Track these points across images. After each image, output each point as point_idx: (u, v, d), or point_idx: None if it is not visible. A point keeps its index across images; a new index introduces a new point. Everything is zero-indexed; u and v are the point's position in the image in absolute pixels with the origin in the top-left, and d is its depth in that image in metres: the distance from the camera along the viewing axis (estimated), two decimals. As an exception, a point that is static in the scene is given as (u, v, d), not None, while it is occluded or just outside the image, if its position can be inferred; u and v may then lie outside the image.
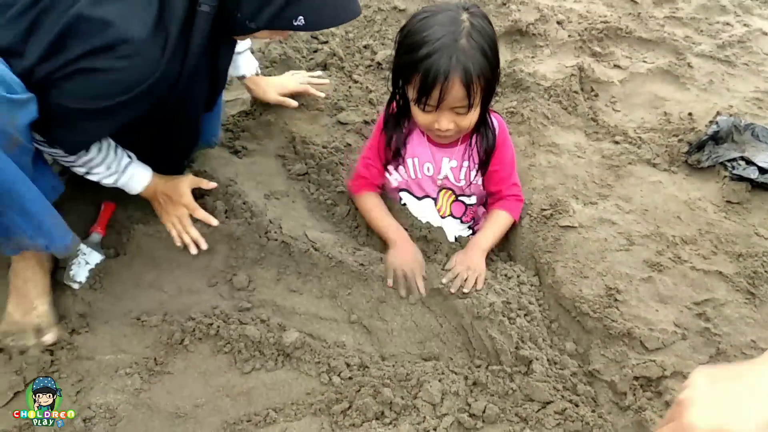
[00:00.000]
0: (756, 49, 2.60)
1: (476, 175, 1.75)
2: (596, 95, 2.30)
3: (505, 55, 2.46)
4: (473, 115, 1.54)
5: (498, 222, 1.76)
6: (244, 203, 1.72)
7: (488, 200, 1.85)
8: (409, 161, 1.74)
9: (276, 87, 2.08)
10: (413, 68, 1.45)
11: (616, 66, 2.47)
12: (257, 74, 2.04)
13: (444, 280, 1.59)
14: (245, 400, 1.38)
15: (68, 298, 1.55)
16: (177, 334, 1.47)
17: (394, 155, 1.74)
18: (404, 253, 1.64)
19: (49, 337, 1.44)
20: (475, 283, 1.58)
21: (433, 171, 1.75)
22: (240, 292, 1.60)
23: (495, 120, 1.72)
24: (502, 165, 1.74)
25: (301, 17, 1.35)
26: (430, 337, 1.54)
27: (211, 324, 1.49)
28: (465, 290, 1.57)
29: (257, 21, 1.36)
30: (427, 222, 1.76)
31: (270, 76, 2.17)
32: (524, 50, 2.49)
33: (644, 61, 2.50)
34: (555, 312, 1.61)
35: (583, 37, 2.56)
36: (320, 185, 1.90)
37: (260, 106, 2.10)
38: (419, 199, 1.80)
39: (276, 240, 1.65)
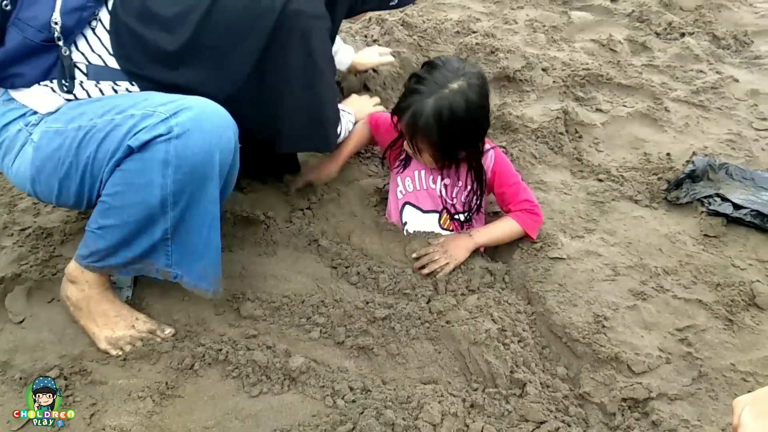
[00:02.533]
0: (728, 94, 2.77)
1: (467, 196, 1.89)
2: (580, 137, 2.43)
3: (494, 99, 2.61)
4: (427, 158, 1.78)
5: (501, 225, 1.88)
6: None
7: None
8: (415, 173, 1.91)
9: (369, 56, 2.47)
10: (402, 91, 1.79)
11: (598, 110, 2.62)
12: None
13: (414, 255, 1.75)
14: (253, 422, 1.43)
15: (75, 327, 1.60)
16: (187, 360, 1.54)
17: (405, 161, 1.91)
18: (322, 168, 2.03)
19: (169, 332, 1.60)
20: (438, 269, 1.75)
21: (436, 184, 1.91)
22: (246, 320, 1.67)
23: (492, 153, 1.88)
24: (506, 186, 1.89)
25: None
26: (428, 363, 1.61)
27: (220, 350, 1.56)
28: (425, 272, 1.73)
29: (370, 3, 1.81)
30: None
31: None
32: (512, 95, 2.64)
33: (624, 106, 2.66)
34: (547, 338, 1.69)
35: (567, 82, 2.71)
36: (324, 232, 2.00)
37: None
38: (424, 212, 1.92)
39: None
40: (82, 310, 1.58)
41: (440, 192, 1.90)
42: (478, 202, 1.89)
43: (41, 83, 1.48)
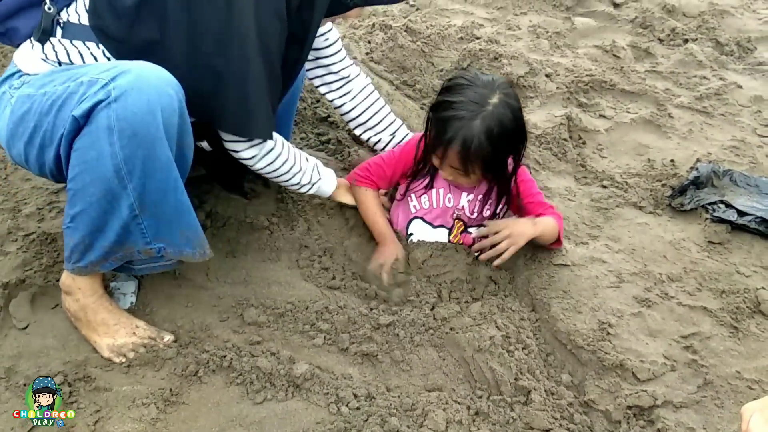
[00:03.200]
0: (732, 100, 2.77)
1: (488, 210, 1.88)
2: (584, 143, 2.44)
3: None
4: (475, 178, 1.74)
5: (550, 221, 1.83)
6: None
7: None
8: (433, 191, 1.89)
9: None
10: (434, 121, 1.69)
11: (602, 116, 2.62)
12: None
13: (476, 234, 1.75)
14: (257, 429, 1.43)
15: (79, 333, 1.60)
16: (191, 366, 1.53)
17: (429, 182, 1.87)
18: (388, 250, 1.81)
19: (169, 338, 1.59)
20: (495, 256, 1.74)
21: (453, 203, 1.89)
22: (250, 327, 1.67)
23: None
24: (532, 196, 1.88)
25: None
26: (432, 370, 1.61)
27: (224, 356, 1.55)
28: (483, 257, 1.74)
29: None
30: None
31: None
32: (515, 101, 2.64)
33: (628, 112, 2.66)
34: (551, 345, 1.69)
35: (570, 89, 2.72)
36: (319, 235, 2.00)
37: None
38: (434, 227, 1.91)
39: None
40: (81, 321, 1.57)
41: (461, 207, 1.89)
42: (505, 209, 1.88)
43: (31, 38, 1.52)
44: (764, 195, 2.09)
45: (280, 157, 1.74)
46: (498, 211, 1.87)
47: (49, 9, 1.49)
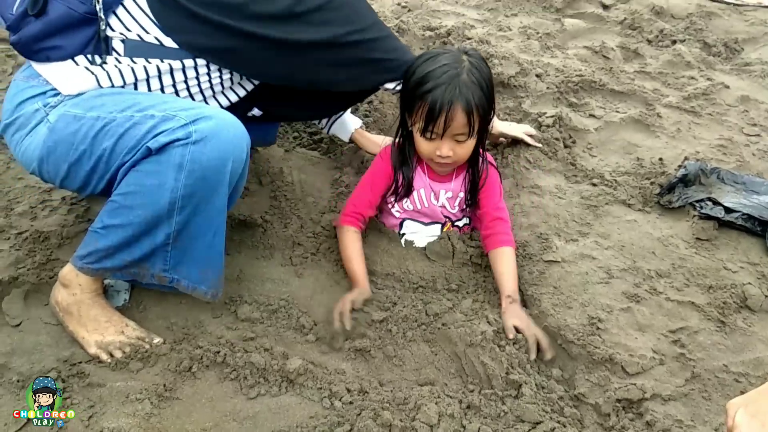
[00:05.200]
0: (719, 100, 2.81)
1: (468, 201, 1.92)
2: (574, 142, 2.46)
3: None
4: (470, 144, 1.74)
5: (510, 266, 1.82)
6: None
7: (482, 233, 1.92)
8: (414, 194, 1.89)
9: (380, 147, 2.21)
10: (420, 100, 1.66)
11: (592, 115, 2.65)
12: (362, 128, 2.27)
13: (533, 357, 1.63)
14: (251, 423, 1.44)
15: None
16: (185, 362, 1.54)
17: (406, 189, 1.87)
18: (353, 294, 1.73)
19: (158, 341, 1.59)
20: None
21: (437, 201, 1.91)
22: (244, 323, 1.68)
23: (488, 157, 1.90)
24: (490, 190, 1.91)
25: None
26: (425, 365, 1.63)
27: (218, 352, 1.57)
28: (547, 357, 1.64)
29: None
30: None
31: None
32: (507, 100, 2.67)
33: (617, 111, 2.69)
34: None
35: (561, 89, 2.74)
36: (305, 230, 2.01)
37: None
38: (426, 225, 1.93)
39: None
40: (72, 315, 1.58)
41: (441, 205, 1.91)
42: (473, 198, 1.90)
43: (75, 58, 1.50)
44: (751, 192, 2.12)
45: None
46: (467, 199, 1.91)
47: (104, 26, 1.50)
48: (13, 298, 1.68)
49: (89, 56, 1.51)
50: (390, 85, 1.79)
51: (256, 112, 1.84)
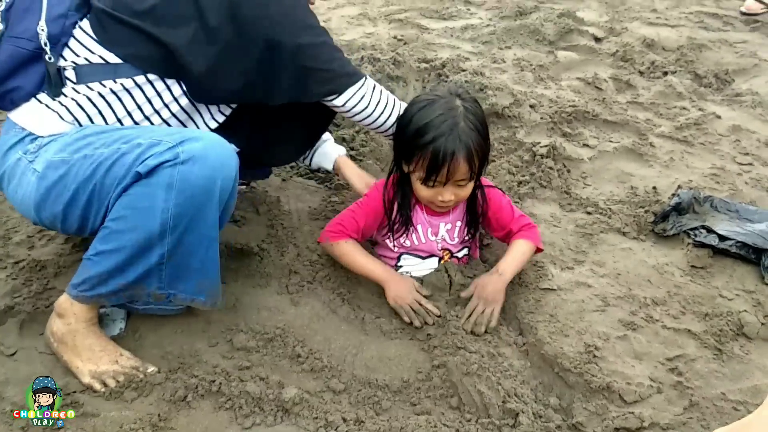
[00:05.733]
0: (711, 130, 2.85)
1: (467, 232, 1.91)
2: (568, 171, 2.49)
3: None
4: (470, 186, 1.76)
5: (519, 250, 1.86)
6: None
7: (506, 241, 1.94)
8: (411, 229, 1.89)
9: (363, 178, 2.14)
10: (420, 150, 1.66)
11: (585, 145, 2.69)
12: (346, 155, 2.20)
13: (462, 323, 1.72)
14: (246, 454, 1.43)
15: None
16: (180, 391, 1.53)
17: (404, 226, 1.86)
18: (400, 288, 1.79)
19: (152, 370, 1.58)
20: (488, 322, 1.73)
21: (435, 235, 1.91)
22: (240, 352, 1.68)
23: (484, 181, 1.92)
24: (500, 209, 1.91)
25: None
26: (422, 394, 1.61)
27: (213, 381, 1.56)
28: (478, 331, 1.71)
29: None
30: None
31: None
32: (501, 131, 2.70)
33: (610, 141, 2.73)
34: (539, 368, 1.70)
35: (554, 119, 2.79)
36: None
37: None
38: (423, 258, 1.93)
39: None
40: (67, 345, 1.57)
41: (441, 238, 1.91)
42: (474, 230, 1.91)
43: (37, 96, 1.54)
44: (744, 220, 2.14)
45: (375, 92, 1.84)
46: (468, 231, 1.91)
47: (50, 59, 1.53)
48: (8, 327, 1.68)
49: (47, 92, 1.54)
50: (337, 102, 1.77)
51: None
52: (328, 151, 2.16)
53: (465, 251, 1.98)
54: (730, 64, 3.57)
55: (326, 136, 2.17)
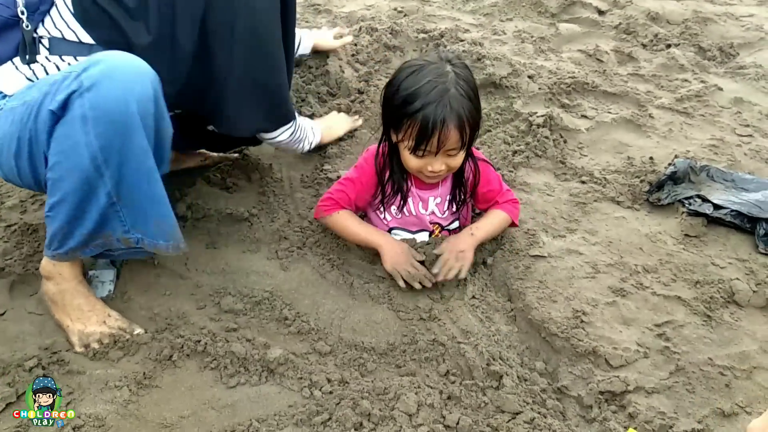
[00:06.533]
0: (712, 102, 2.81)
1: (458, 205, 1.89)
2: (565, 141, 2.46)
3: (481, 105, 2.64)
4: (461, 156, 1.70)
5: (495, 218, 1.90)
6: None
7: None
8: (408, 200, 1.87)
9: (328, 36, 2.78)
10: (409, 119, 1.60)
11: (583, 116, 2.65)
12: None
13: (435, 270, 1.75)
14: (230, 412, 1.44)
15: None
16: (166, 351, 1.55)
17: (398, 195, 1.84)
18: (396, 253, 1.78)
19: (138, 332, 1.60)
20: (459, 271, 1.76)
21: (425, 209, 1.89)
22: (227, 314, 1.68)
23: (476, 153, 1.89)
24: (489, 183, 1.90)
25: None
26: (407, 357, 1.62)
27: (199, 341, 1.57)
28: (449, 276, 1.74)
29: None
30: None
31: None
32: (498, 101, 2.67)
33: (609, 112, 2.69)
34: (526, 333, 1.70)
35: (553, 90, 2.75)
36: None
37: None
38: (414, 233, 1.92)
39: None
40: (57, 305, 1.59)
41: (430, 212, 1.89)
42: (463, 199, 1.89)
43: (13, 61, 1.53)
44: (740, 189, 2.11)
45: (297, 129, 2.00)
46: (457, 202, 1.90)
47: (27, 27, 1.52)
48: (-2, 288, 1.69)
49: (21, 57, 1.53)
50: (267, 135, 1.91)
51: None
52: (305, 45, 2.62)
53: (456, 224, 1.96)
54: (736, 38, 3.50)
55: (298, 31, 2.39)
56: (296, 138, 2.01)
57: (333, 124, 2.36)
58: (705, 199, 2.07)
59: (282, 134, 1.93)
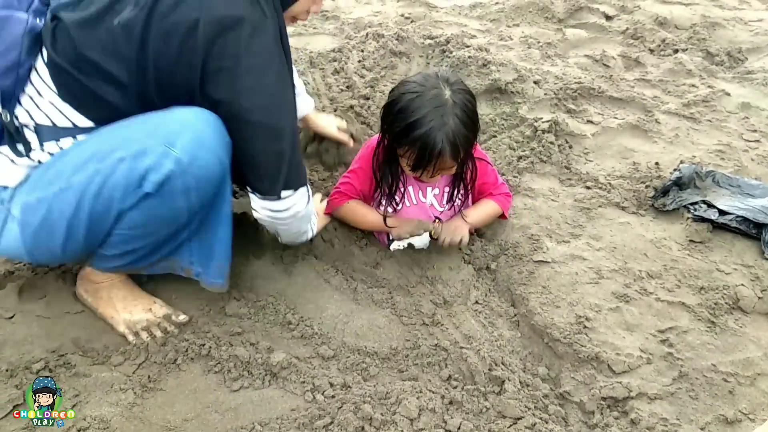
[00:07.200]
0: (719, 107, 2.80)
1: (456, 197, 1.91)
2: (570, 146, 2.46)
3: (486, 110, 2.65)
4: (445, 172, 1.78)
5: (487, 206, 1.98)
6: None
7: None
8: (406, 190, 1.90)
9: (333, 123, 2.25)
10: (408, 145, 1.65)
11: (589, 121, 2.65)
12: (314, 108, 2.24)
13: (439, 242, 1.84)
14: (233, 415, 1.45)
15: (64, 323, 1.64)
16: (170, 354, 1.56)
17: (391, 192, 1.87)
18: (404, 222, 1.88)
19: (183, 318, 1.66)
20: (461, 241, 1.86)
21: (425, 199, 1.92)
22: (232, 318, 1.70)
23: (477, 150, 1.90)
24: (486, 176, 1.95)
25: None
26: (409, 362, 1.62)
27: (203, 345, 1.58)
28: (454, 240, 1.85)
29: None
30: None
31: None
32: (503, 106, 2.68)
33: (615, 117, 2.69)
34: (529, 339, 1.70)
35: (559, 95, 2.75)
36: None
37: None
38: None
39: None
40: (102, 298, 1.64)
41: (430, 204, 1.91)
42: (463, 193, 1.91)
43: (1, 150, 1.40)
44: (746, 195, 2.11)
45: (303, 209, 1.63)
46: (456, 196, 1.92)
47: (6, 117, 1.36)
48: (7, 292, 1.71)
49: (10, 147, 1.39)
50: (275, 206, 1.57)
51: None
52: (300, 107, 2.08)
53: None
54: (744, 43, 3.48)
55: (299, 89, 2.10)
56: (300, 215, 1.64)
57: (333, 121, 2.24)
58: (710, 205, 2.06)
59: (290, 202, 1.57)
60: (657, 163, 2.33)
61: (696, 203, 2.07)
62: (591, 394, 1.52)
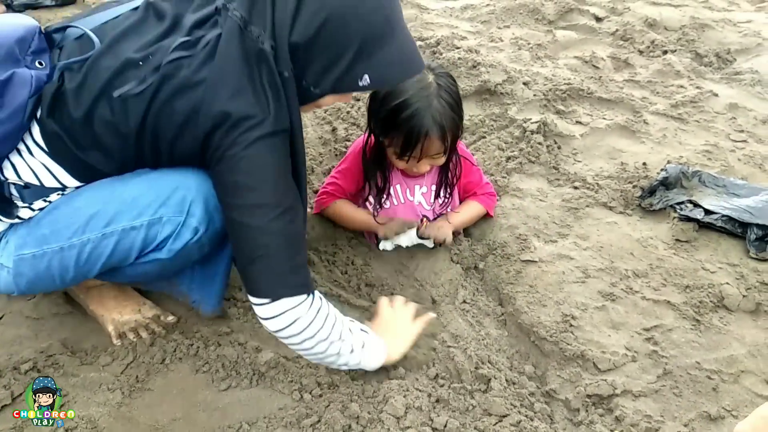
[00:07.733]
0: (707, 108, 2.82)
1: (443, 195, 1.93)
2: (559, 147, 2.48)
3: (475, 111, 2.67)
4: (445, 156, 1.77)
5: (471, 208, 2.01)
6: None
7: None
8: (391, 189, 1.92)
9: None
10: (394, 130, 1.67)
11: (578, 122, 2.67)
12: None
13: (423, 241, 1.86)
14: (220, 414, 1.46)
15: (52, 324, 1.65)
16: (158, 354, 1.57)
17: (379, 190, 1.89)
18: (390, 220, 1.88)
19: (171, 318, 1.67)
20: (445, 240, 1.87)
21: (413, 197, 1.93)
22: (220, 319, 1.70)
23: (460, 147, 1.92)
24: (470, 175, 1.97)
25: (366, 76, 1.27)
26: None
27: (191, 345, 1.59)
28: (438, 236, 1.86)
29: (322, 86, 1.30)
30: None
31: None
32: (493, 107, 2.69)
33: (604, 118, 2.71)
34: (516, 338, 1.72)
35: (548, 96, 2.77)
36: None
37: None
38: None
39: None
40: (94, 297, 1.64)
41: (418, 203, 1.93)
42: (449, 192, 1.93)
43: None
44: (732, 195, 2.13)
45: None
46: (442, 194, 1.94)
47: None
48: (-4, 293, 1.71)
49: (3, 210, 1.36)
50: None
51: None
52: None
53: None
54: (733, 44, 3.52)
55: None
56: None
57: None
58: (696, 205, 2.08)
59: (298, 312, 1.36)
60: (644, 164, 2.35)
61: (682, 203, 2.09)
62: (576, 391, 1.54)
